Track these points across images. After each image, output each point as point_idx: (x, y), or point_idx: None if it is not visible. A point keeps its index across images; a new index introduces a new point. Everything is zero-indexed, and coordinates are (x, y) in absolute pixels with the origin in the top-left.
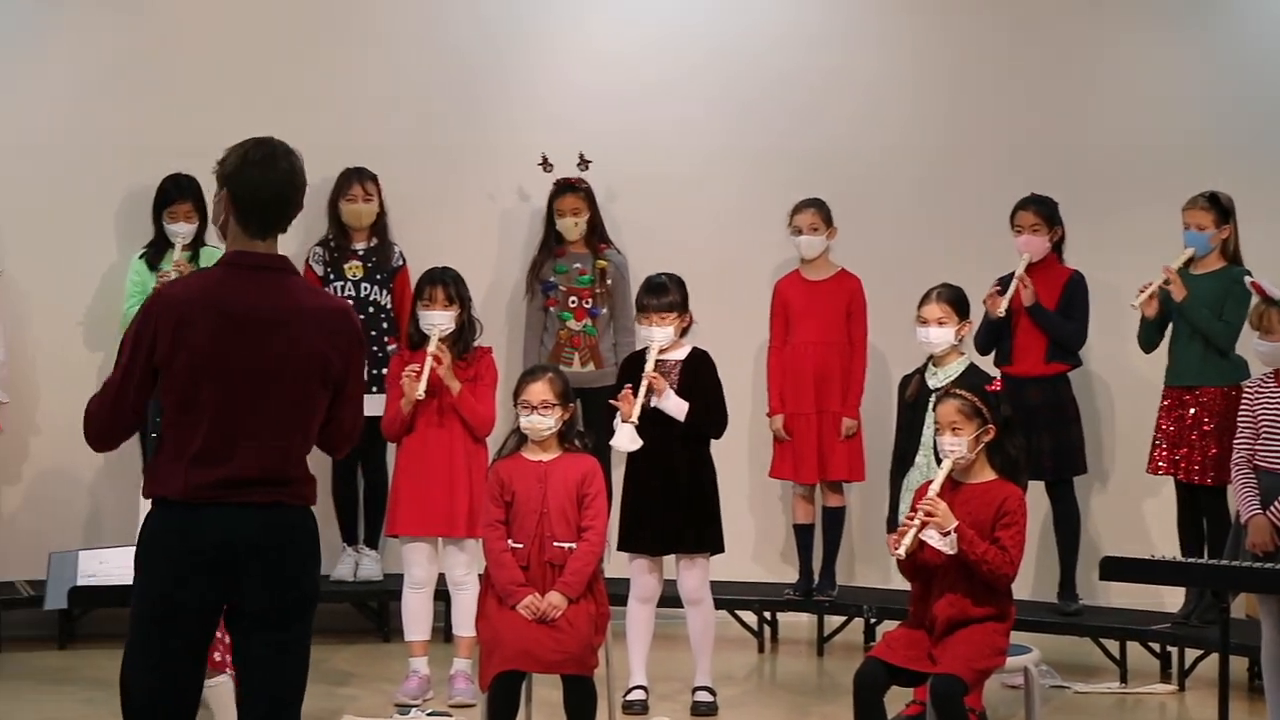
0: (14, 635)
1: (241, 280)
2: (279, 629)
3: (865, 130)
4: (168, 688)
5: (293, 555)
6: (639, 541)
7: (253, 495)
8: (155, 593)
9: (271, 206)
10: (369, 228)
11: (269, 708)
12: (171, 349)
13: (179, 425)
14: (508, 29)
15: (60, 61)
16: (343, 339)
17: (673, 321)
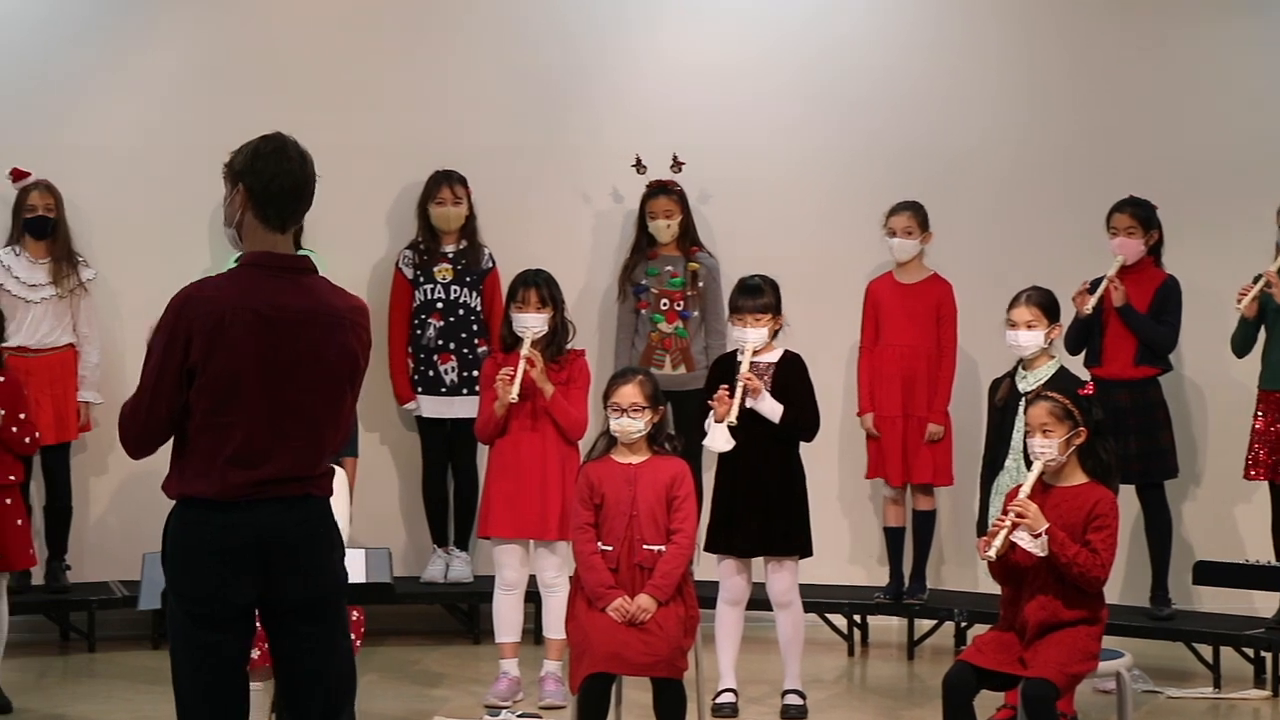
0: (108, 635)
1: (270, 280)
2: (318, 621)
3: (956, 133)
4: (218, 687)
5: (323, 545)
6: (727, 543)
7: (285, 490)
8: (195, 593)
9: (289, 196)
10: (458, 230)
11: (324, 704)
12: (208, 350)
13: (213, 427)
14: (601, 28)
15: (154, 65)
16: (365, 335)
17: (766, 323)
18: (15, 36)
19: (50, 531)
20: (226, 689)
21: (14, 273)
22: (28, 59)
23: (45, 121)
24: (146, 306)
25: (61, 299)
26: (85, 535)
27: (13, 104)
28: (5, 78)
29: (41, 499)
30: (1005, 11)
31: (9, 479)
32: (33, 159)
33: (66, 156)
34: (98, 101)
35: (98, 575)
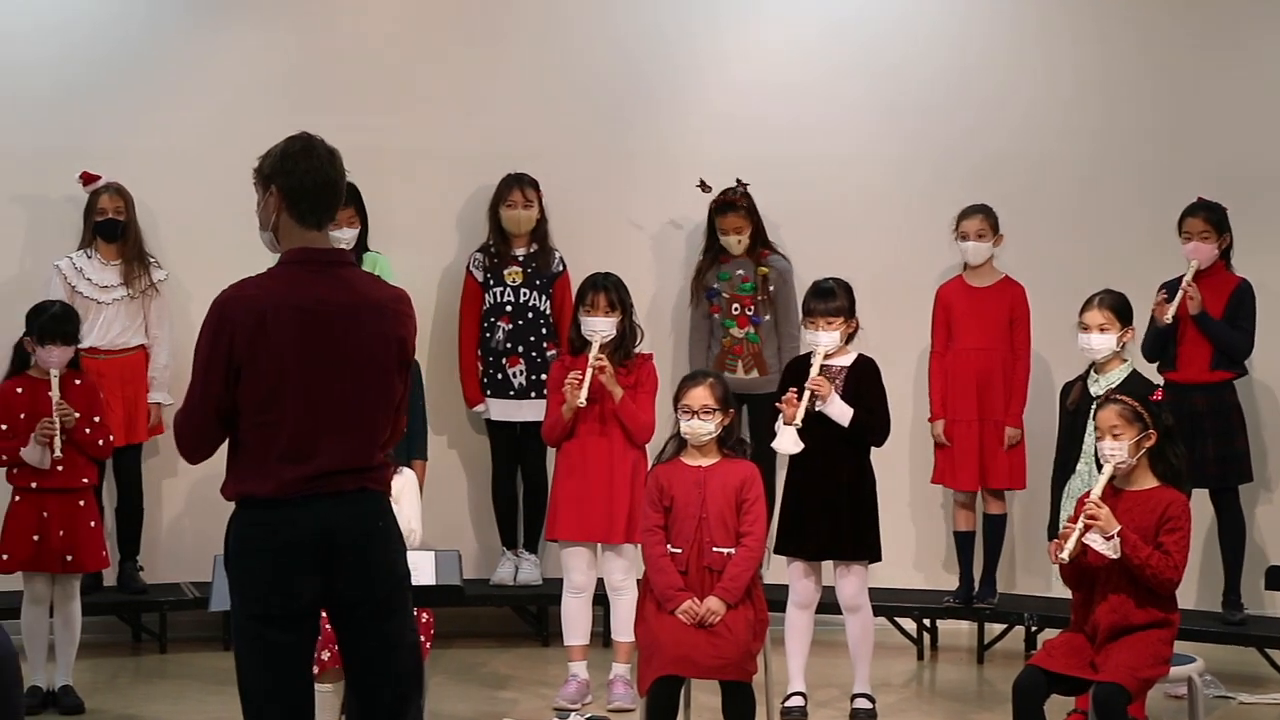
0: (180, 636)
1: (310, 276)
2: (382, 618)
3: (1030, 136)
4: (283, 686)
5: (383, 541)
6: (796, 546)
7: (341, 484)
8: (257, 592)
9: (321, 192)
10: (529, 234)
11: (391, 700)
12: (251, 348)
13: (262, 425)
14: (672, 30)
15: (223, 68)
16: (410, 324)
17: (839, 327)
18: (85, 40)
19: (122, 533)
20: (290, 689)
21: (85, 275)
22: (98, 62)
23: (116, 125)
24: None
25: (133, 300)
26: (157, 537)
27: (84, 107)
28: (76, 81)
29: (113, 501)
30: (1079, 16)
31: (82, 481)
32: (104, 162)
33: (138, 159)
34: (169, 104)
35: (169, 577)
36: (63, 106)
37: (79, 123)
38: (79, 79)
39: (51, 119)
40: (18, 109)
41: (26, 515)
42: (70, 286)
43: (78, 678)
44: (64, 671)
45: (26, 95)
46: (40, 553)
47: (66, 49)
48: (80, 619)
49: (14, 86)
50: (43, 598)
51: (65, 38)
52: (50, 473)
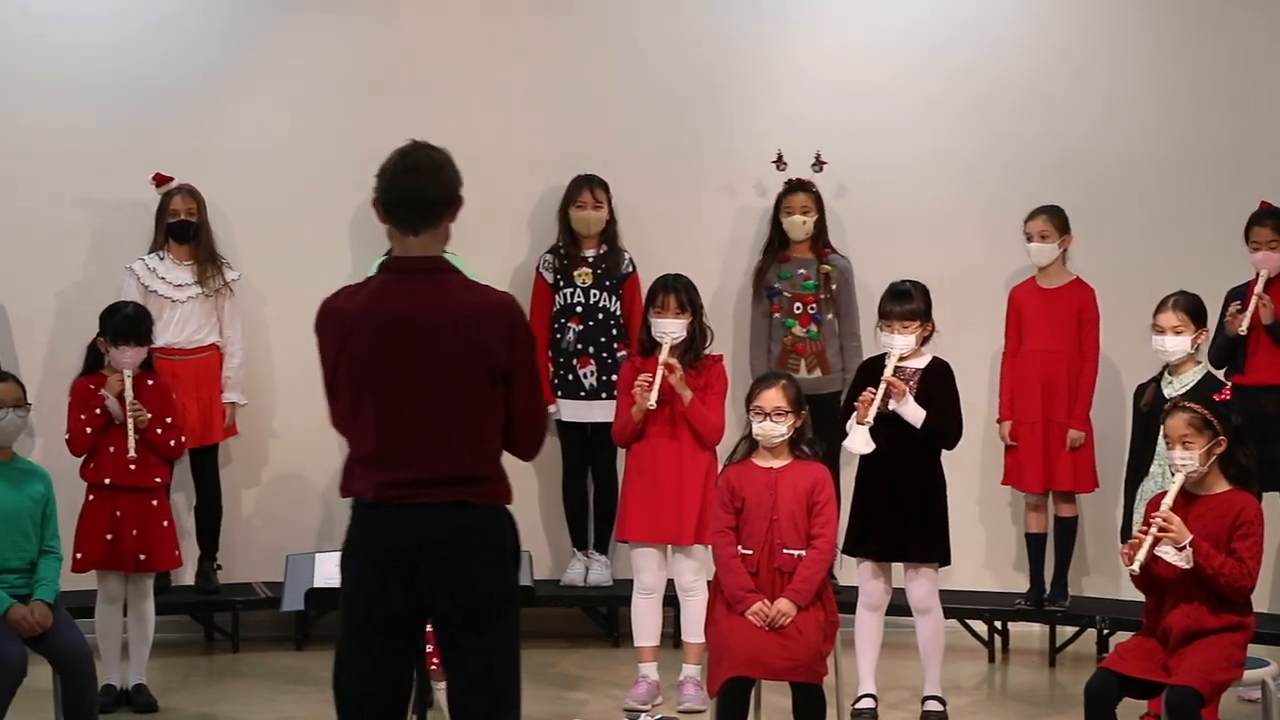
0: (252, 636)
1: (399, 285)
2: (475, 632)
3: (1102, 137)
4: (373, 690)
5: (478, 556)
6: (866, 547)
7: (435, 495)
8: (352, 594)
9: (411, 199)
10: (599, 235)
11: (482, 714)
12: (338, 356)
13: (353, 430)
14: (741, 31)
15: (298, 70)
16: (504, 331)
17: (914, 330)
18: (158, 42)
19: (200, 532)
20: (378, 693)
21: (159, 274)
22: (171, 64)
23: (189, 126)
24: (290, 309)
25: (207, 299)
26: (230, 537)
27: (157, 109)
28: (149, 84)
29: (191, 500)
30: (1152, 17)
31: (155, 481)
32: (176, 164)
33: (210, 161)
34: (241, 106)
35: (242, 576)
36: (135, 109)
37: (151, 125)
38: (152, 81)
39: (124, 122)
40: (90, 112)
41: (100, 515)
42: (144, 287)
43: (151, 676)
44: (137, 670)
45: (99, 98)
46: (113, 552)
47: (139, 51)
48: (154, 618)
49: (86, 90)
50: (116, 597)
51: (137, 41)
52: (124, 472)
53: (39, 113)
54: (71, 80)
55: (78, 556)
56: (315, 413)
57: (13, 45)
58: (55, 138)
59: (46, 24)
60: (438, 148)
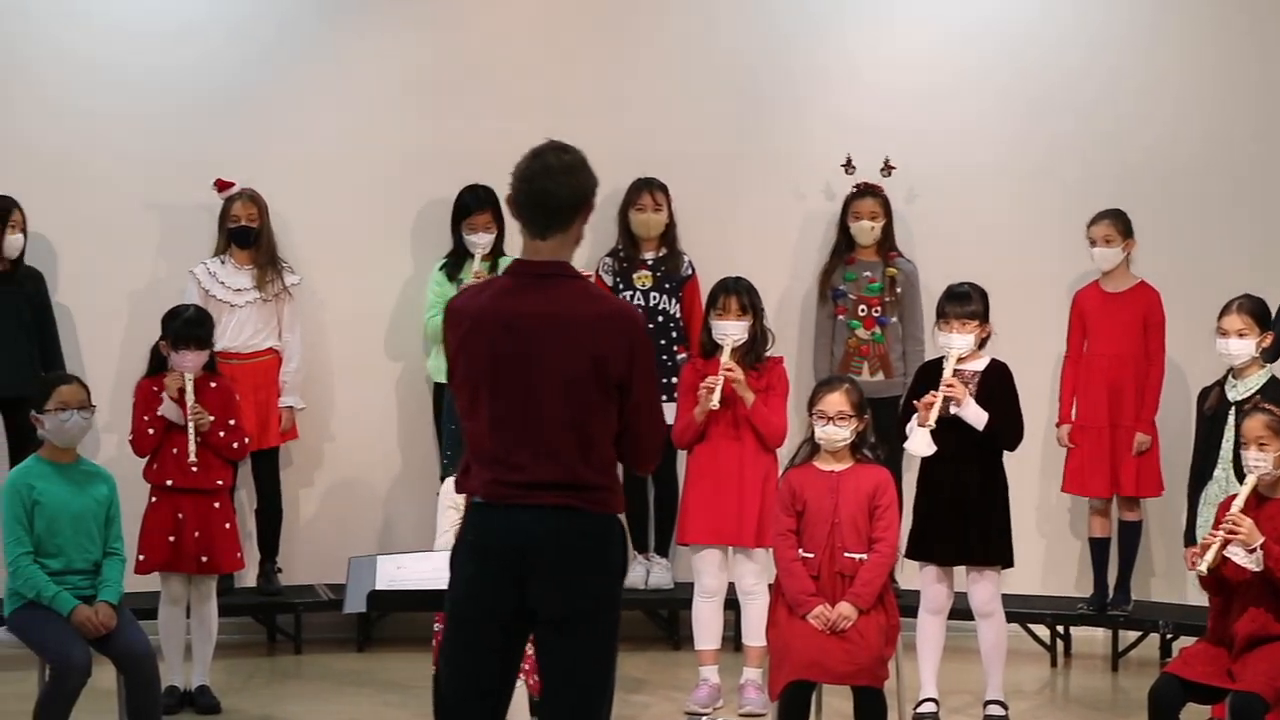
0: (314, 638)
1: (519, 289)
2: (574, 637)
3: (1168, 141)
4: (471, 687)
5: (582, 561)
6: (928, 551)
7: (544, 498)
8: (458, 592)
9: (537, 202)
10: (658, 237)
11: (569, 717)
12: (456, 356)
13: (470, 428)
14: (802, 34)
15: (358, 74)
16: (622, 341)
17: (973, 330)
18: (220, 47)
19: (261, 535)
20: (476, 691)
21: (219, 279)
22: (232, 70)
23: (250, 132)
24: (350, 314)
25: (265, 303)
26: (292, 539)
27: (218, 115)
28: (210, 89)
29: (252, 503)
30: (1223, 19)
31: (217, 483)
32: (238, 169)
33: (272, 166)
34: (303, 111)
35: (303, 579)
36: (197, 114)
37: (213, 130)
38: (213, 86)
39: (186, 127)
40: (152, 117)
41: (162, 517)
42: (205, 291)
43: (214, 678)
44: (201, 671)
45: (161, 103)
46: (176, 554)
47: (201, 57)
48: (216, 619)
49: (149, 94)
50: (179, 598)
51: (199, 45)
52: (186, 474)
53: (106, 118)
54: (137, 86)
55: (141, 558)
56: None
57: (81, 53)
58: (122, 142)
59: (113, 32)
60: (571, 149)
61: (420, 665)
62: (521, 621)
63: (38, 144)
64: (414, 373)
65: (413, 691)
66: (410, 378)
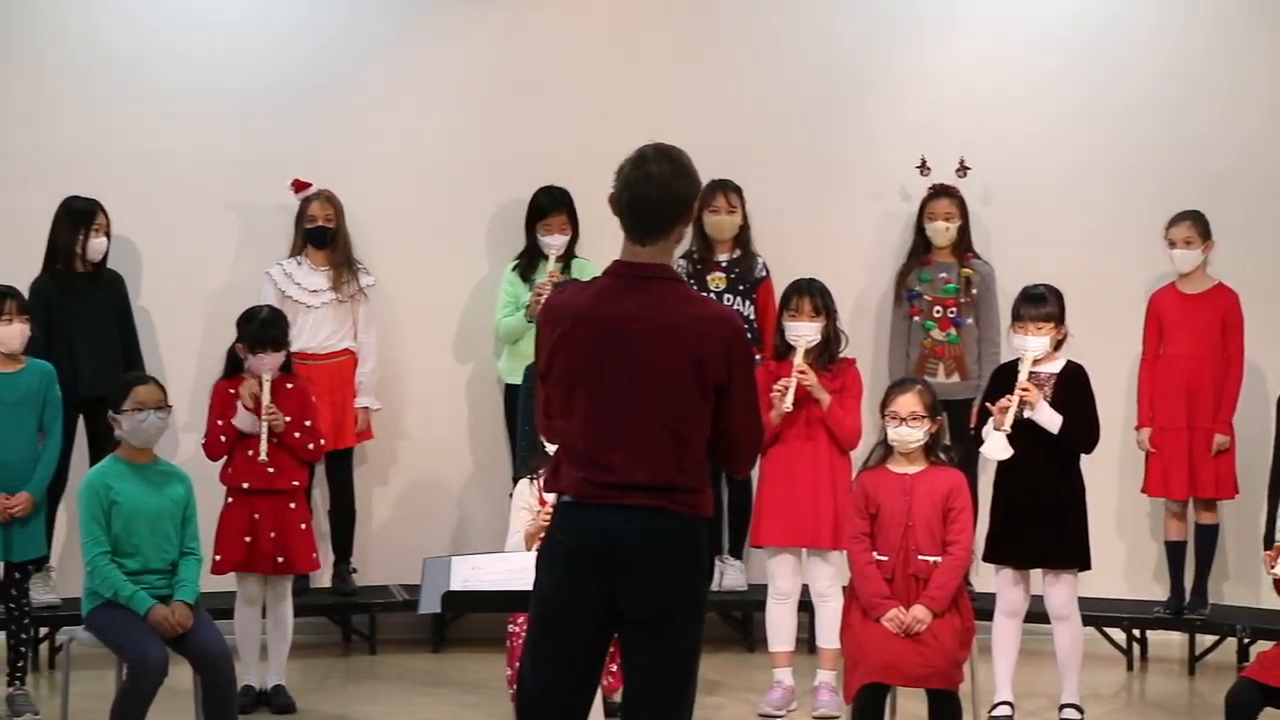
0: (389, 638)
1: (620, 290)
2: (661, 638)
3: (1244, 140)
4: (557, 687)
5: (670, 564)
6: (1005, 554)
7: (635, 499)
8: (545, 591)
9: (635, 209)
10: (732, 239)
11: (654, 718)
12: (552, 355)
13: (560, 429)
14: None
15: (434, 75)
16: (721, 345)
17: (1048, 332)
18: (297, 49)
19: (335, 535)
20: (559, 690)
21: (295, 279)
22: (310, 71)
23: (327, 132)
24: (424, 314)
25: (341, 304)
26: (367, 540)
27: (296, 116)
28: (288, 90)
29: (325, 504)
30: None
31: (292, 484)
32: (315, 170)
33: (348, 167)
34: (379, 112)
35: (377, 579)
36: (274, 115)
37: (290, 131)
38: (291, 88)
39: (263, 127)
40: (231, 118)
41: (239, 517)
42: (280, 292)
43: (289, 678)
44: (276, 671)
45: (240, 104)
46: (252, 554)
47: (278, 59)
48: (292, 620)
49: (227, 96)
50: (255, 599)
51: (277, 47)
52: (261, 475)
53: (183, 119)
54: (214, 86)
55: (217, 559)
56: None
57: (158, 54)
58: (199, 143)
59: (190, 32)
60: (675, 155)
61: (495, 666)
62: (609, 622)
63: (120, 148)
64: (487, 373)
65: (487, 692)
66: (483, 378)
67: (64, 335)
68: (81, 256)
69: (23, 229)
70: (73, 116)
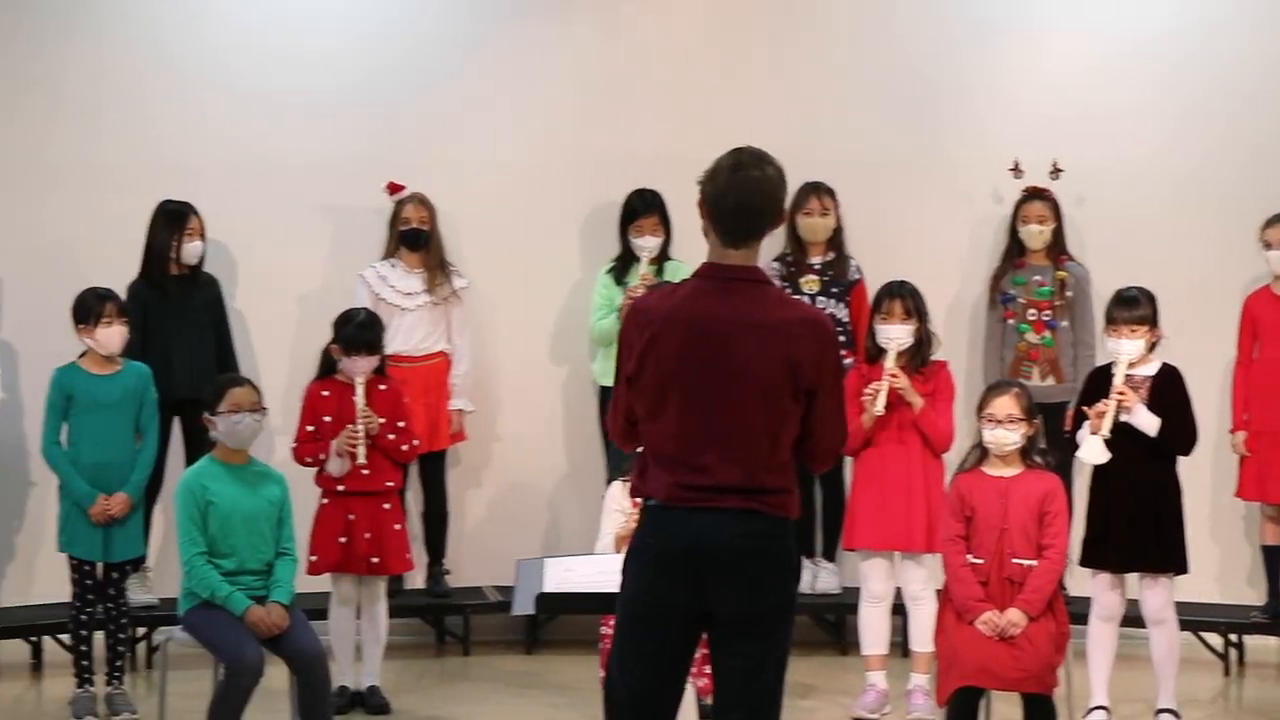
0: (482, 639)
1: (712, 292)
2: (751, 639)
3: None
4: (645, 690)
5: (764, 565)
6: (1101, 558)
7: (726, 501)
8: (633, 594)
9: (736, 214)
10: (825, 242)
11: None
12: (642, 359)
13: (650, 432)
14: (972, 36)
15: (528, 78)
16: (813, 347)
17: (1143, 335)
18: (391, 52)
19: (429, 536)
20: (649, 694)
21: (389, 282)
22: (404, 74)
23: (422, 135)
24: (518, 317)
25: (435, 306)
26: (460, 541)
27: (390, 118)
28: (382, 93)
29: (419, 505)
30: None
31: (386, 485)
32: (409, 172)
33: (442, 169)
34: (473, 115)
35: (470, 580)
36: (369, 117)
37: (384, 133)
38: (385, 89)
39: (357, 130)
40: (325, 120)
41: (334, 518)
42: (375, 294)
43: (383, 678)
44: (371, 672)
45: (334, 106)
46: (347, 555)
47: (373, 60)
48: (387, 621)
49: (321, 98)
50: (350, 599)
51: (371, 49)
52: (356, 476)
53: (278, 121)
54: (308, 89)
55: (312, 559)
56: (540, 419)
57: (252, 57)
58: (294, 146)
59: (284, 34)
60: (769, 160)
61: (588, 668)
62: (697, 624)
63: (215, 151)
64: (580, 375)
65: (580, 694)
66: (576, 380)
67: (160, 337)
68: (176, 260)
69: (120, 233)
70: (168, 121)
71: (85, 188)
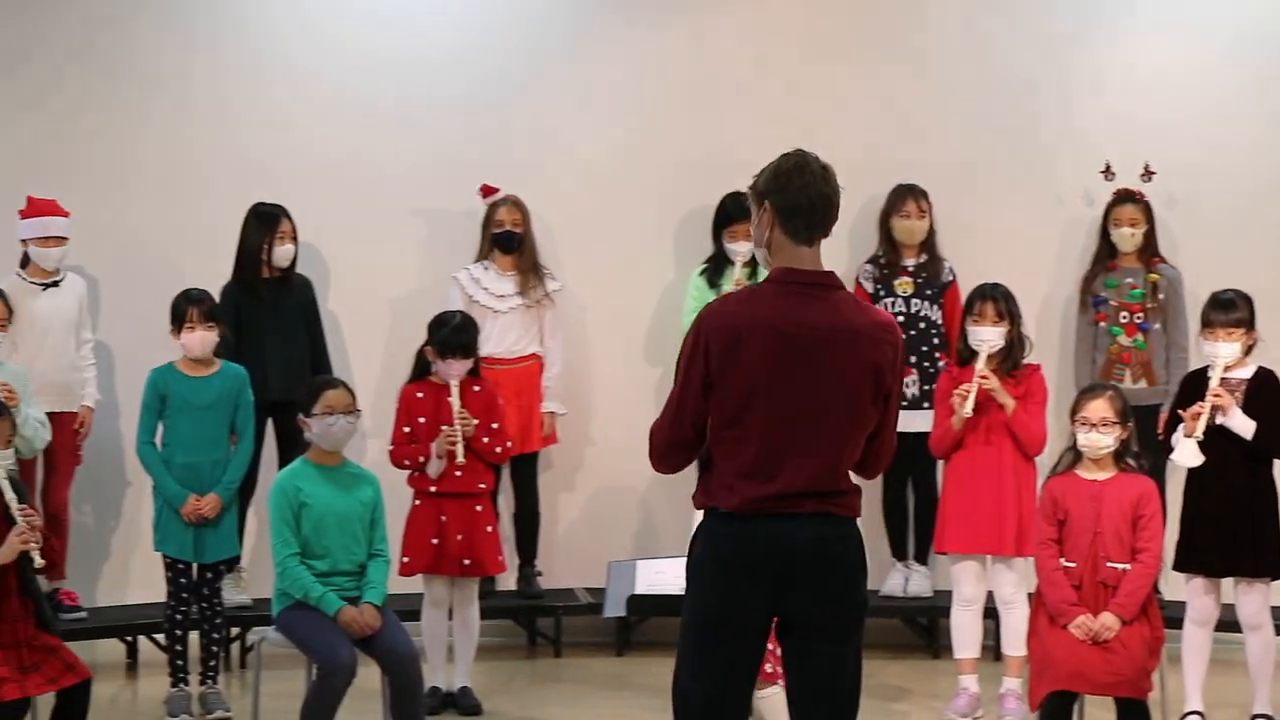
0: (574, 641)
1: (793, 297)
2: (831, 641)
3: None
4: (718, 697)
5: (840, 567)
6: (1196, 562)
7: (801, 506)
8: (706, 602)
9: (815, 209)
10: (920, 244)
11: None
12: (725, 366)
13: (727, 441)
14: (1065, 37)
15: (621, 81)
16: (892, 352)
17: (1239, 338)
18: (484, 57)
19: (520, 538)
20: (722, 701)
21: (483, 284)
22: (499, 77)
23: (514, 137)
24: (611, 319)
25: (528, 309)
26: (552, 543)
27: (482, 121)
28: (474, 95)
29: (511, 507)
30: None
31: (479, 487)
32: (503, 175)
33: (536, 172)
34: (566, 118)
35: (562, 582)
36: (461, 119)
37: (477, 136)
38: (478, 92)
39: (450, 132)
40: (417, 123)
41: (426, 519)
42: (468, 296)
43: (475, 679)
44: (463, 673)
45: (426, 110)
46: (440, 556)
47: (465, 64)
48: (478, 622)
49: (414, 101)
50: (442, 600)
51: (464, 52)
52: (449, 478)
53: (370, 125)
54: (400, 92)
55: (405, 560)
56: (633, 422)
57: (343, 61)
58: (386, 149)
59: (376, 38)
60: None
61: None
62: (768, 630)
63: (307, 155)
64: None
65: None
66: (669, 382)
67: (253, 339)
68: (268, 262)
69: (213, 236)
70: (260, 124)
71: (179, 191)
